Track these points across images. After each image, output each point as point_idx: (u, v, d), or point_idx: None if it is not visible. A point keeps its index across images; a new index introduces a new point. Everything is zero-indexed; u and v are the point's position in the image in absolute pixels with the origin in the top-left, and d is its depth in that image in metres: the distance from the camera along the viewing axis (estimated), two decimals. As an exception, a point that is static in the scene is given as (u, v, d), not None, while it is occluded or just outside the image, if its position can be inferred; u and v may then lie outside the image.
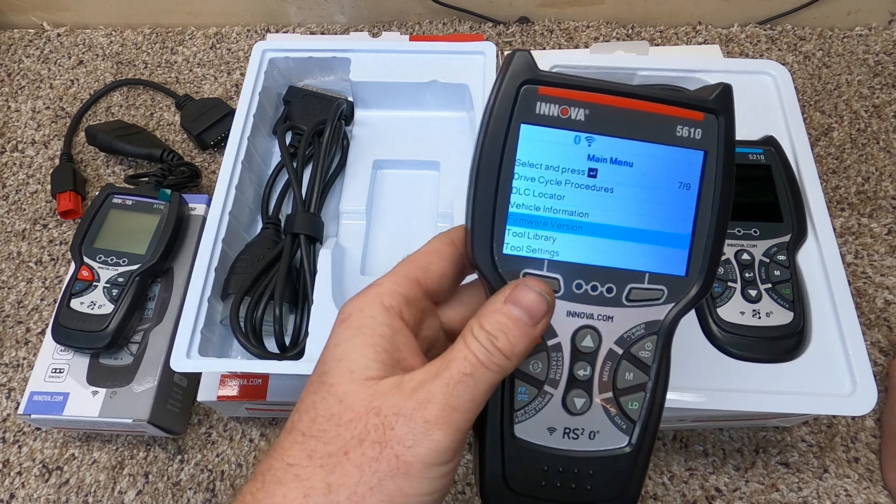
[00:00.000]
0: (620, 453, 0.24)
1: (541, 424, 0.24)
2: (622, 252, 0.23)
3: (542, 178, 0.23)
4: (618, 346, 0.24)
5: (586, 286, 0.23)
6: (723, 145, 0.23)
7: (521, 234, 0.23)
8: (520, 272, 0.23)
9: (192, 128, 0.61)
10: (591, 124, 0.23)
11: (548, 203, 0.23)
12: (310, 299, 0.41)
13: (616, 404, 0.24)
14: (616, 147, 0.23)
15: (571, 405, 0.24)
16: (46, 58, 0.71)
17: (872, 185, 0.58)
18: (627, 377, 0.24)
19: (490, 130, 0.23)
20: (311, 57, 0.51)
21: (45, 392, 0.44)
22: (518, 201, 0.23)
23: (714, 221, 0.23)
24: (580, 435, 0.24)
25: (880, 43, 0.67)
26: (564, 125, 0.23)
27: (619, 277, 0.23)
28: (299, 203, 0.45)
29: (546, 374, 0.24)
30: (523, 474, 0.24)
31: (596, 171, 0.23)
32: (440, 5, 0.69)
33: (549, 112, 0.23)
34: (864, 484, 0.45)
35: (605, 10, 0.70)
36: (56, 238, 0.58)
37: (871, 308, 0.52)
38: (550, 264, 0.23)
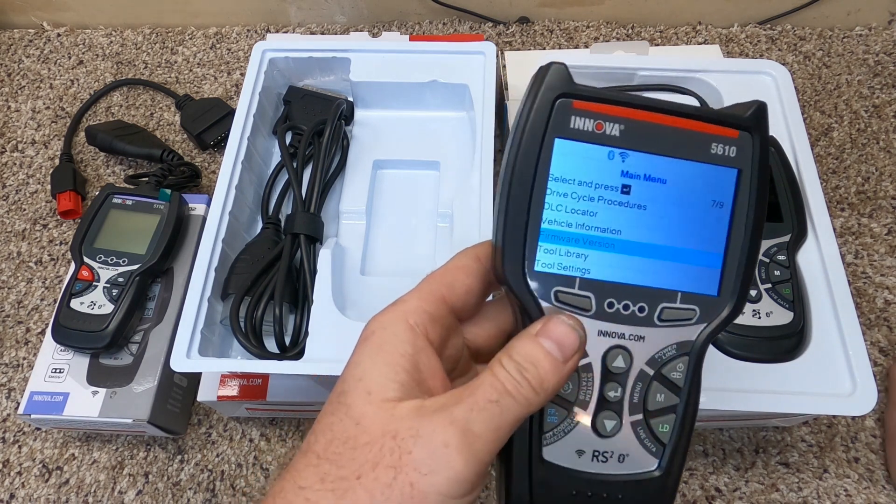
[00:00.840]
0: (650, 477, 0.23)
1: (570, 447, 0.23)
2: (655, 270, 0.23)
3: (576, 193, 0.23)
4: (649, 366, 0.23)
5: (618, 305, 0.23)
6: (757, 164, 0.23)
7: (553, 251, 0.23)
8: (551, 290, 0.23)
9: (192, 128, 0.61)
10: (625, 140, 0.23)
11: (580, 219, 0.23)
12: (310, 299, 0.41)
13: (646, 426, 0.23)
14: (650, 163, 0.23)
15: (601, 427, 0.23)
16: (46, 58, 0.71)
17: (872, 185, 0.58)
18: (658, 399, 0.23)
19: (524, 144, 0.22)
20: (311, 57, 0.51)
21: (45, 392, 0.44)
22: (551, 217, 0.23)
23: (747, 241, 0.23)
24: (609, 458, 0.23)
25: (880, 43, 0.67)
26: (599, 140, 0.22)
27: (651, 296, 0.23)
28: (299, 203, 0.45)
29: (576, 395, 0.23)
30: (551, 498, 0.23)
31: (629, 188, 0.23)
32: (440, 5, 0.69)
33: (583, 126, 0.22)
34: (864, 484, 0.45)
35: (605, 10, 0.70)
36: (56, 238, 0.58)
37: (871, 308, 0.52)
38: (582, 282, 0.23)
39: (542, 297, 0.23)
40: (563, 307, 0.23)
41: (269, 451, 0.48)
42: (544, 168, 0.22)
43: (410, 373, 0.22)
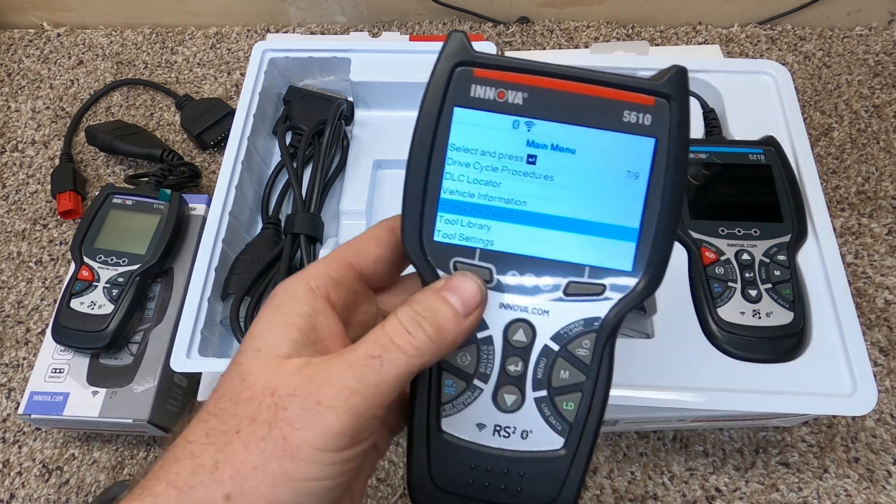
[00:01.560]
0: (554, 455, 0.23)
1: (470, 420, 0.23)
2: (561, 243, 0.22)
3: (478, 163, 0.22)
4: (554, 342, 0.22)
5: (521, 277, 0.22)
6: (675, 132, 0.22)
7: (454, 222, 0.22)
8: (450, 260, 0.22)
9: (192, 128, 0.61)
10: (530, 108, 0.22)
11: (483, 190, 0.22)
12: (310, 299, 0.41)
13: (551, 403, 0.23)
14: (557, 133, 0.22)
15: (502, 401, 0.23)
16: (46, 58, 0.71)
17: (872, 185, 0.58)
18: (563, 375, 0.22)
19: (423, 114, 0.22)
20: (311, 57, 0.51)
21: (45, 392, 0.44)
22: (450, 187, 0.22)
23: (665, 213, 0.22)
24: (512, 433, 0.23)
25: (880, 43, 0.67)
26: (501, 109, 0.22)
27: (556, 269, 0.22)
28: (299, 203, 0.45)
29: (475, 367, 0.23)
30: (450, 471, 0.23)
31: (535, 158, 0.22)
32: (440, 5, 0.69)
33: (484, 95, 0.22)
34: (864, 484, 0.45)
35: (605, 10, 0.70)
36: (56, 238, 0.58)
37: (871, 308, 0.52)
38: (483, 254, 0.22)
39: (441, 268, 0.22)
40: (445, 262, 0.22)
41: (269, 451, 0.48)
42: (444, 137, 0.22)
43: (305, 332, 0.22)
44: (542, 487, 0.23)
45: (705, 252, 0.41)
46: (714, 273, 0.40)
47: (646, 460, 0.46)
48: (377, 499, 0.46)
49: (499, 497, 0.23)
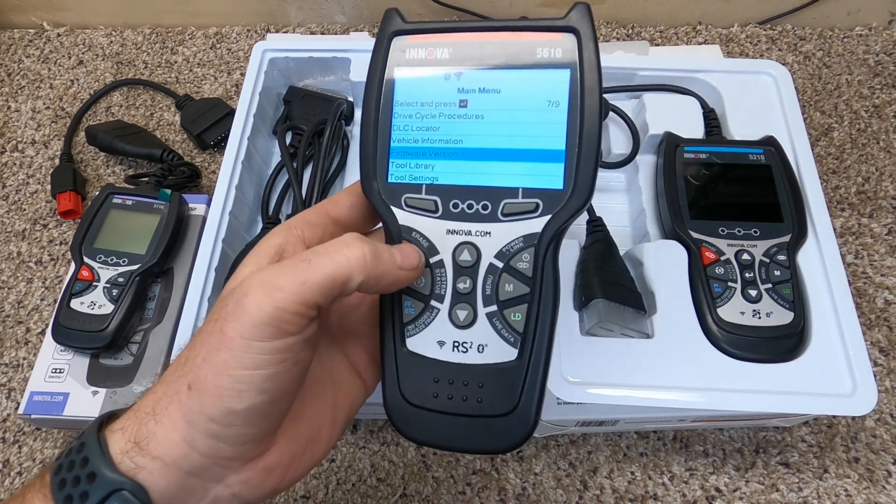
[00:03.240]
0: (509, 366, 0.24)
1: (431, 338, 0.25)
2: (496, 172, 0.25)
3: (419, 113, 0.26)
4: (497, 259, 0.25)
5: (462, 205, 0.25)
6: (585, 61, 0.24)
7: (403, 165, 0.26)
8: (401, 197, 0.26)
9: (192, 128, 0.61)
10: (455, 60, 0.26)
11: (425, 135, 0.26)
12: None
13: (501, 316, 0.25)
14: (482, 77, 0.25)
15: (457, 318, 0.25)
16: (46, 58, 0.71)
17: (872, 185, 0.58)
18: (508, 289, 0.25)
19: (370, 79, 0.26)
20: (311, 57, 0.51)
21: (45, 392, 0.44)
22: (398, 136, 0.26)
23: (587, 135, 0.24)
24: (469, 348, 0.25)
25: (880, 43, 0.67)
26: (432, 65, 0.26)
27: (492, 195, 0.25)
28: (299, 203, 0.45)
29: (431, 289, 0.25)
30: (417, 386, 0.25)
31: (466, 101, 0.25)
32: (440, 5, 0.69)
33: (417, 56, 0.26)
34: (864, 484, 0.45)
35: (605, 10, 0.70)
36: (56, 238, 0.58)
37: (871, 308, 0.52)
38: (428, 188, 0.26)
39: (394, 204, 0.26)
40: (411, 211, 0.26)
41: (269, 451, 0.48)
42: (388, 96, 0.26)
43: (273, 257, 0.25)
44: (500, 397, 0.25)
45: (705, 252, 0.41)
46: (714, 273, 0.40)
47: (646, 460, 0.46)
48: (377, 499, 0.46)
49: (462, 409, 0.25)
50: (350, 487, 0.46)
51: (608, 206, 0.48)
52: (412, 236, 0.26)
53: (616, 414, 0.42)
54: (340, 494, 0.46)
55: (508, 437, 0.24)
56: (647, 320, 0.40)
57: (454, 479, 0.46)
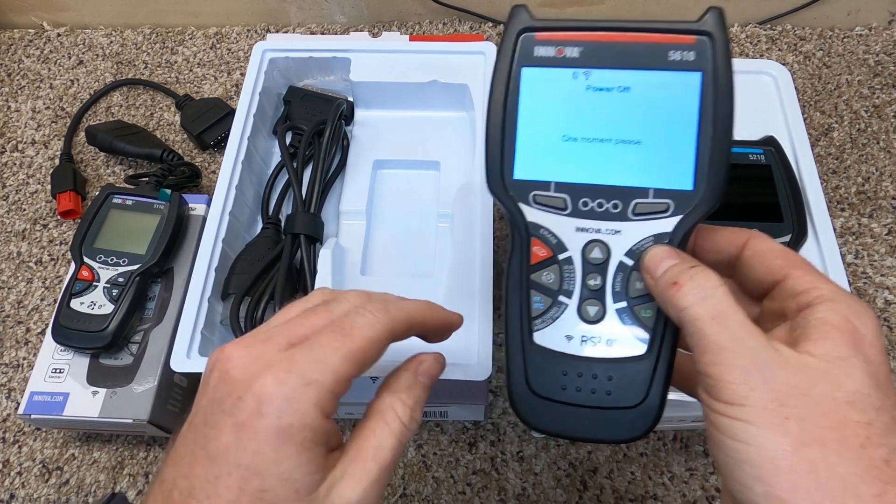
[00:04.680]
0: (638, 360, 0.25)
1: (558, 332, 0.26)
2: (626, 170, 0.25)
3: (547, 111, 0.26)
4: (628, 257, 0.25)
5: (592, 203, 0.25)
6: (719, 63, 0.25)
7: (530, 162, 0.26)
8: (529, 194, 0.26)
9: (192, 128, 0.61)
10: (585, 60, 0.25)
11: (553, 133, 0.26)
12: (310, 299, 0.41)
13: (630, 312, 0.25)
14: (612, 77, 0.25)
15: (586, 314, 0.26)
16: (46, 58, 0.71)
17: (872, 186, 0.58)
18: (638, 286, 0.25)
19: (496, 76, 0.26)
20: (311, 57, 0.51)
21: (45, 392, 0.44)
22: (525, 133, 0.26)
23: (718, 137, 0.24)
24: (597, 342, 0.25)
25: (880, 43, 0.67)
26: (561, 63, 0.26)
27: (623, 194, 0.25)
28: (299, 203, 0.45)
29: (559, 284, 0.26)
30: (545, 379, 0.26)
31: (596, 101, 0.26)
32: (440, 5, 0.69)
33: (546, 54, 0.26)
34: (865, 484, 0.45)
35: (605, 10, 0.70)
36: (56, 238, 0.58)
37: (872, 308, 0.52)
38: (557, 186, 0.26)
39: (522, 202, 0.26)
40: (541, 208, 0.26)
41: (269, 451, 0.48)
42: (515, 93, 0.26)
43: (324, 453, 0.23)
44: (629, 391, 0.25)
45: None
46: (714, 273, 0.40)
47: (646, 460, 0.46)
48: (377, 499, 0.46)
49: (591, 401, 0.25)
50: (350, 487, 0.46)
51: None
52: (540, 233, 0.26)
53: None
54: (340, 494, 0.46)
55: (635, 427, 0.25)
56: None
57: (454, 479, 0.46)
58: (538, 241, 0.26)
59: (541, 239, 0.26)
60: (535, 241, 0.26)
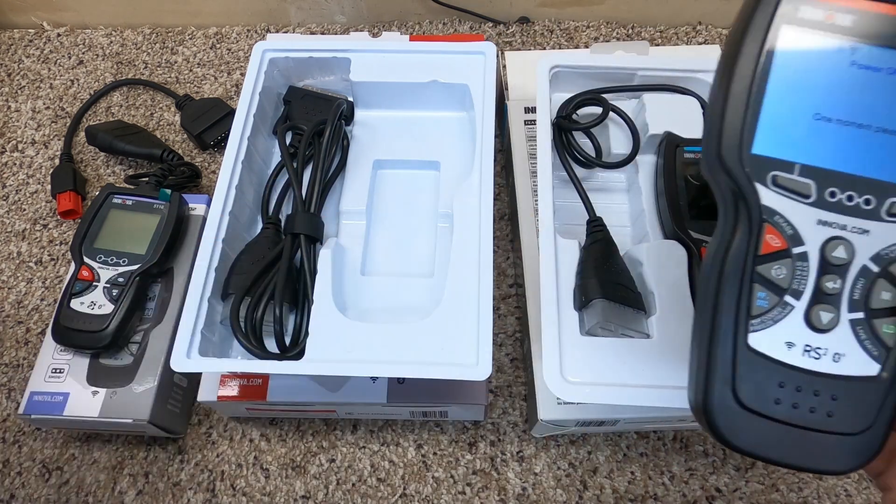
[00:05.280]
0: (870, 382, 0.22)
1: (778, 337, 0.22)
2: (886, 162, 0.22)
3: (803, 80, 0.22)
4: (873, 262, 0.22)
5: (841, 195, 0.22)
6: None
7: (773, 136, 0.22)
8: (768, 174, 0.22)
9: (192, 128, 0.61)
10: (857, 31, 0.22)
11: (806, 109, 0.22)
12: (310, 299, 0.41)
13: (868, 326, 0.22)
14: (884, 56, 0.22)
15: (816, 320, 0.22)
16: (46, 58, 0.71)
17: (872, 185, 0.58)
18: (884, 297, 0.22)
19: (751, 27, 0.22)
20: (311, 57, 0.51)
21: (45, 392, 0.44)
22: (773, 103, 0.22)
23: None
24: (822, 356, 0.22)
25: (880, 43, 0.67)
26: (830, 30, 0.22)
27: (879, 189, 0.22)
28: (299, 203, 0.45)
29: (790, 282, 0.22)
30: (756, 388, 0.22)
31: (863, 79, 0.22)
32: (440, 5, 0.69)
33: (812, 17, 0.22)
34: (864, 484, 0.45)
35: (605, 10, 0.70)
36: (56, 238, 0.58)
37: (872, 308, 0.52)
38: (803, 169, 0.22)
39: (758, 181, 0.22)
40: (779, 191, 0.22)
41: (269, 451, 0.48)
42: (769, 52, 0.22)
43: None
44: (855, 415, 0.22)
45: (705, 252, 0.41)
46: (714, 273, 0.40)
47: (646, 460, 0.46)
48: (377, 499, 0.46)
49: (808, 422, 0.22)
50: (350, 487, 0.46)
51: (608, 206, 0.48)
52: (775, 220, 0.22)
53: (616, 414, 0.42)
54: (340, 494, 0.46)
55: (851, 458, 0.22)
56: (646, 320, 0.40)
57: (454, 479, 0.46)
58: (773, 228, 0.22)
59: (775, 226, 0.22)
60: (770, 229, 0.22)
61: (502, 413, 0.49)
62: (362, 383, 0.44)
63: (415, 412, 0.46)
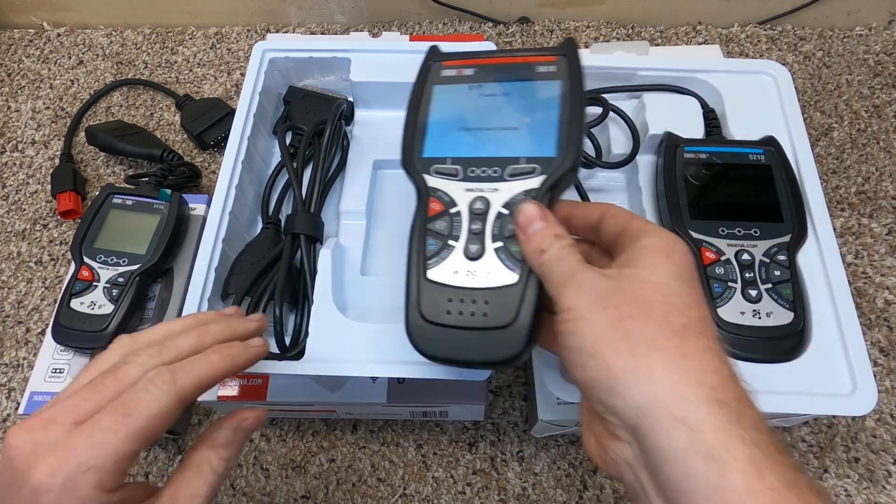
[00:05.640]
0: (510, 287, 0.30)
1: (447, 268, 0.32)
2: (505, 146, 0.33)
3: (449, 108, 0.35)
4: (504, 208, 0.31)
5: (478, 171, 0.33)
6: (572, 75, 0.34)
7: (434, 143, 0.34)
8: (431, 166, 0.34)
9: (192, 128, 0.61)
10: (478, 77, 0.35)
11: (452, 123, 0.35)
12: (310, 299, 0.41)
13: (505, 249, 0.31)
14: (498, 87, 0.35)
15: (469, 252, 0.31)
16: (46, 58, 0.71)
17: (872, 185, 0.58)
18: (510, 227, 0.31)
19: (414, 92, 0.36)
20: (311, 57, 0.51)
21: (45, 392, 0.44)
22: (433, 123, 0.35)
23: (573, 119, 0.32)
24: (478, 275, 0.31)
25: (880, 43, 0.67)
26: (460, 81, 0.36)
27: (502, 163, 0.32)
28: (299, 203, 0.45)
29: (450, 231, 0.32)
30: (434, 306, 0.31)
31: (484, 103, 0.35)
32: (440, 5, 0.69)
33: (449, 74, 0.36)
34: (865, 484, 0.45)
35: (605, 10, 0.70)
36: (56, 238, 0.58)
37: (871, 308, 0.52)
38: (452, 160, 0.33)
39: (425, 172, 0.34)
40: (439, 176, 0.33)
41: (269, 451, 0.48)
42: (427, 101, 0.36)
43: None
44: (502, 312, 0.30)
45: (705, 252, 0.41)
46: (714, 273, 0.40)
47: (646, 460, 0.46)
48: (377, 499, 0.46)
49: (470, 322, 0.30)
50: (350, 487, 0.46)
51: (608, 206, 0.48)
52: (438, 195, 0.33)
53: (616, 414, 0.42)
54: (340, 494, 0.46)
55: (512, 344, 0.29)
56: (646, 320, 0.40)
57: (454, 479, 0.46)
58: (435, 199, 0.33)
59: (437, 198, 0.33)
60: (433, 200, 0.33)
61: (502, 413, 0.49)
62: (362, 383, 0.44)
63: (415, 412, 0.46)
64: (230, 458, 0.29)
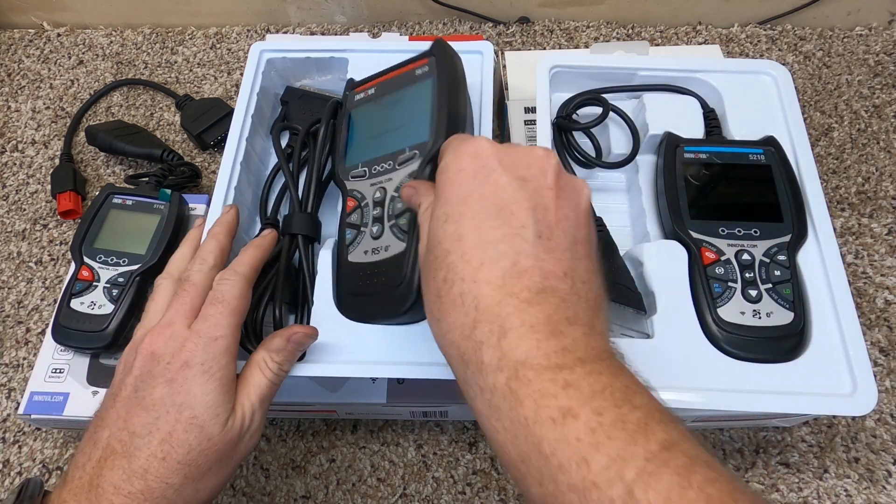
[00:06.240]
0: (401, 253, 0.37)
1: (361, 250, 0.39)
2: (395, 143, 0.40)
3: (361, 124, 0.44)
4: (395, 192, 0.38)
5: (378, 167, 0.40)
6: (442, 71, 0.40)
7: (352, 153, 0.43)
8: (349, 172, 0.42)
9: (192, 128, 0.61)
10: (377, 94, 0.44)
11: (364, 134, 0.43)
12: (309, 300, 0.41)
13: (397, 225, 0.38)
14: (392, 98, 0.43)
15: (373, 234, 0.39)
16: (46, 58, 0.71)
17: (873, 186, 0.58)
18: (399, 206, 0.38)
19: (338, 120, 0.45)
20: (308, 57, 0.51)
21: (45, 392, 0.44)
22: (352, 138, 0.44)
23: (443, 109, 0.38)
24: (380, 251, 0.38)
25: (880, 43, 0.67)
26: (366, 101, 0.44)
27: (394, 156, 0.39)
28: (296, 203, 0.45)
29: (362, 220, 0.40)
30: (350, 281, 0.39)
31: (383, 113, 0.43)
32: (440, 5, 0.69)
33: (359, 98, 0.45)
34: (865, 484, 0.45)
35: (605, 10, 0.70)
36: (56, 238, 0.58)
37: (871, 308, 0.52)
38: (363, 163, 0.41)
39: (344, 178, 0.42)
40: (353, 179, 0.41)
41: (269, 451, 0.48)
42: (346, 126, 0.44)
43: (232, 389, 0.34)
44: (395, 276, 0.36)
45: (705, 252, 0.41)
46: (714, 273, 0.40)
47: (646, 460, 0.46)
48: (377, 499, 0.46)
49: (374, 288, 0.38)
50: (350, 487, 0.46)
51: (608, 206, 0.48)
52: (353, 193, 0.41)
53: (616, 414, 0.42)
54: (340, 494, 0.46)
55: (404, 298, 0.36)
56: (647, 320, 0.40)
57: (454, 479, 0.46)
58: (350, 198, 0.41)
59: (352, 196, 0.41)
60: (349, 199, 0.41)
61: (502, 413, 0.49)
62: (362, 383, 0.44)
63: (415, 412, 0.46)
64: (282, 362, 0.35)
